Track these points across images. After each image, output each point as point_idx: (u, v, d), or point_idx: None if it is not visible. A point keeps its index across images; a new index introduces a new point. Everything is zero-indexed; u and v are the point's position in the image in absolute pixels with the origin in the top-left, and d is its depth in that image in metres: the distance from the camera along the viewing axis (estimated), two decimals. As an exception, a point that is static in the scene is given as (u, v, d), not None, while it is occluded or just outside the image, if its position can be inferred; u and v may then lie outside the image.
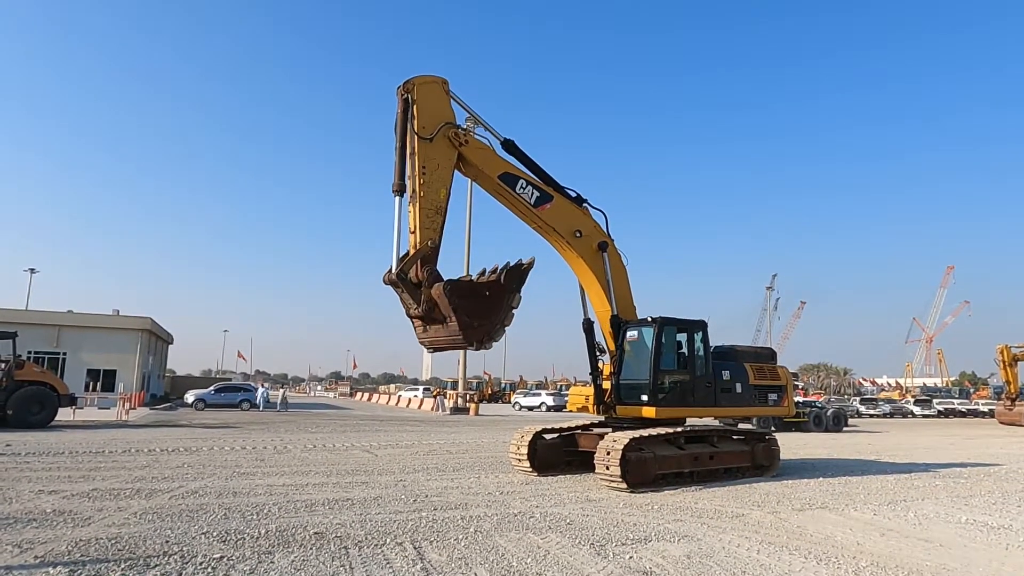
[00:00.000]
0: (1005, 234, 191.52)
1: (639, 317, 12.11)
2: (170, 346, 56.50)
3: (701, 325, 12.22)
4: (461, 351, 10.95)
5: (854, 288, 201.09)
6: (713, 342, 12.47)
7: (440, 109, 10.56)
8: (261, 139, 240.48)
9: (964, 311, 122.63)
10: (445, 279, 9.80)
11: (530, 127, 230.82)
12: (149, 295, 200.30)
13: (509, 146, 11.49)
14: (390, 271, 9.88)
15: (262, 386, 40.80)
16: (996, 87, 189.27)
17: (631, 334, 11.99)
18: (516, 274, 10.17)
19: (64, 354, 38.15)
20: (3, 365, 20.67)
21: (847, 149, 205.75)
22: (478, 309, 9.74)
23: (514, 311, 10.05)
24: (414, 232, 9.99)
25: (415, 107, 10.25)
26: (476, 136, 11.00)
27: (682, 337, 12.14)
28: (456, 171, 10.75)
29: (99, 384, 35.37)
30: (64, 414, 22.75)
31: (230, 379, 63.19)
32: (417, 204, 10.03)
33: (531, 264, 10.26)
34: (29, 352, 32.79)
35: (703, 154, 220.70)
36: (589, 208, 12.08)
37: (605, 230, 12.15)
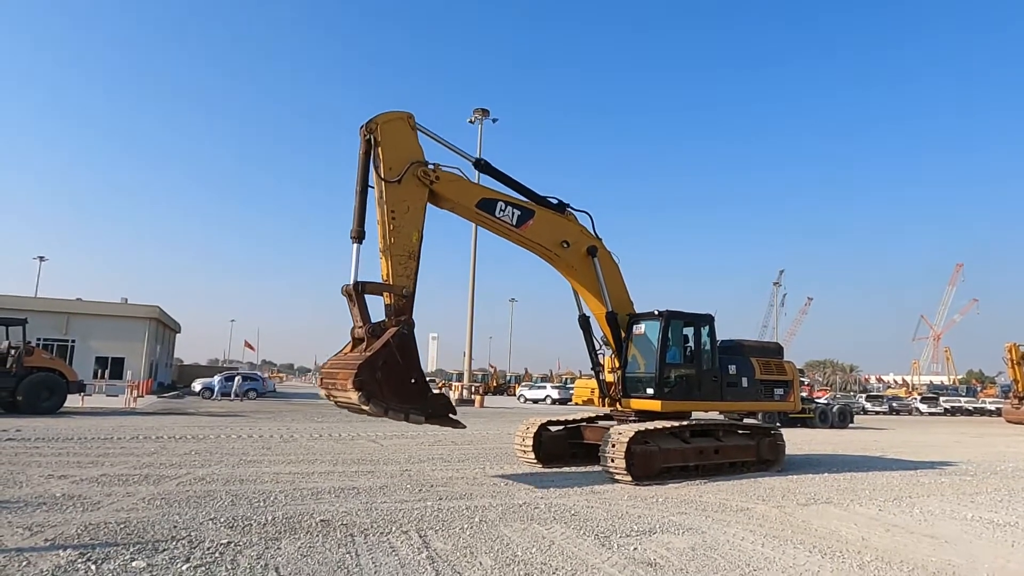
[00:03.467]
0: (1015, 232, 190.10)
1: (646, 310, 12.08)
2: (177, 335, 56.83)
3: (708, 319, 12.20)
4: (356, 404, 8.77)
5: (861, 285, 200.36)
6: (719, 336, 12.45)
7: (407, 147, 9.80)
8: (270, 134, 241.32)
9: (973, 309, 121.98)
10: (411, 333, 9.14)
11: (531, 125, 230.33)
12: (157, 284, 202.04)
13: (482, 166, 10.99)
14: (349, 284, 9.24)
15: (219, 375, 39.25)
16: (1003, 88, 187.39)
17: (637, 327, 11.99)
18: (442, 409, 9.33)
19: (73, 341, 38.43)
20: (13, 352, 20.82)
21: (852, 147, 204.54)
22: (391, 377, 8.72)
23: (400, 419, 8.93)
24: (387, 279, 9.42)
25: (380, 149, 9.52)
26: (445, 169, 10.18)
27: (689, 331, 12.14)
28: (431, 205, 10.10)
29: (107, 371, 35.59)
30: (73, 401, 22.93)
31: (237, 368, 63.53)
32: (388, 252, 9.37)
33: (456, 426, 9.61)
34: (38, 339, 33.01)
35: (706, 152, 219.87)
36: (573, 212, 11.63)
37: (592, 231, 11.78)
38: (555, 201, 11.49)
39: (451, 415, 9.42)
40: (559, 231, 11.36)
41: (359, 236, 9.34)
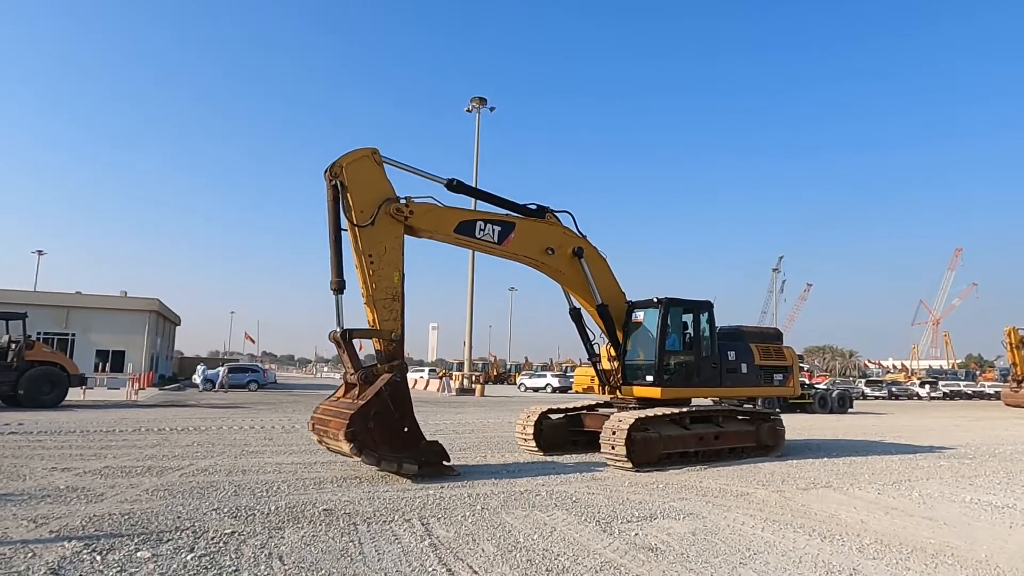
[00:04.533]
0: (1015, 217, 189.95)
1: (645, 298, 12.09)
2: (177, 327, 56.87)
3: (707, 306, 12.21)
4: (344, 446, 8.55)
5: (860, 270, 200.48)
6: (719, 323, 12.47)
7: (376, 186, 9.38)
8: (269, 127, 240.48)
9: (972, 293, 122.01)
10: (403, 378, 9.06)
11: (530, 114, 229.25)
12: (156, 277, 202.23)
13: (455, 187, 10.50)
14: (336, 330, 9.04)
15: (201, 366, 39.08)
16: (1012, 74, 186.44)
17: (637, 315, 12.00)
18: (436, 457, 9.19)
19: (73, 335, 38.52)
20: (14, 346, 20.84)
21: (857, 135, 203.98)
22: (384, 426, 8.66)
23: (392, 470, 8.82)
24: (373, 325, 9.24)
25: (348, 194, 9.10)
26: (418, 200, 9.78)
27: (688, 318, 12.17)
28: (409, 237, 9.81)
29: (108, 364, 35.69)
30: (74, 394, 22.99)
31: (237, 360, 63.69)
32: (371, 299, 9.14)
33: (450, 473, 9.24)
34: (39, 333, 33.06)
35: (706, 139, 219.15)
36: (554, 214, 11.35)
37: (575, 230, 11.53)
38: (534, 207, 11.22)
39: (445, 462, 9.30)
40: (542, 238, 11.13)
41: (339, 287, 9.00)
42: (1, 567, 4.84)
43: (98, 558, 5.11)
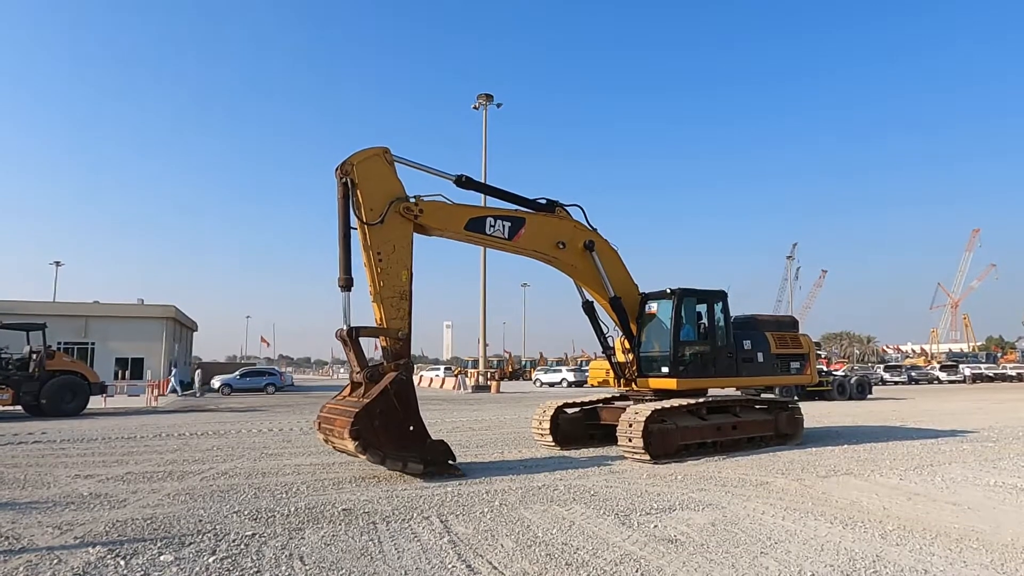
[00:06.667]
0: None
1: (658, 289, 12.04)
2: (195, 333, 57.39)
3: (721, 295, 12.13)
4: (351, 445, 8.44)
5: (876, 255, 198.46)
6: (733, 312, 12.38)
7: (386, 185, 9.41)
8: (286, 134, 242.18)
9: (991, 275, 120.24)
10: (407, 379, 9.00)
11: (539, 109, 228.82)
12: (171, 284, 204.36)
13: (463, 183, 10.48)
14: (343, 328, 9.02)
15: (175, 370, 38.61)
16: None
17: (650, 306, 11.95)
18: (441, 456, 9.10)
19: (92, 344, 39.00)
20: (35, 356, 21.14)
21: (870, 119, 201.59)
22: (389, 424, 8.61)
23: (398, 469, 8.75)
24: (381, 323, 9.23)
25: (358, 191, 9.14)
26: (427, 198, 9.77)
27: (702, 308, 12.09)
28: (418, 234, 9.79)
29: (127, 372, 36.10)
30: (95, 402, 23.30)
31: (254, 364, 64.24)
32: (379, 297, 9.15)
33: (455, 472, 9.09)
34: (59, 343, 33.49)
35: (717, 129, 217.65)
36: (564, 208, 11.33)
37: (586, 223, 11.48)
38: (544, 202, 11.21)
39: (450, 462, 9.23)
40: (553, 232, 11.11)
41: (347, 284, 9.03)
42: (28, 573, 4.91)
43: (122, 563, 5.17)
